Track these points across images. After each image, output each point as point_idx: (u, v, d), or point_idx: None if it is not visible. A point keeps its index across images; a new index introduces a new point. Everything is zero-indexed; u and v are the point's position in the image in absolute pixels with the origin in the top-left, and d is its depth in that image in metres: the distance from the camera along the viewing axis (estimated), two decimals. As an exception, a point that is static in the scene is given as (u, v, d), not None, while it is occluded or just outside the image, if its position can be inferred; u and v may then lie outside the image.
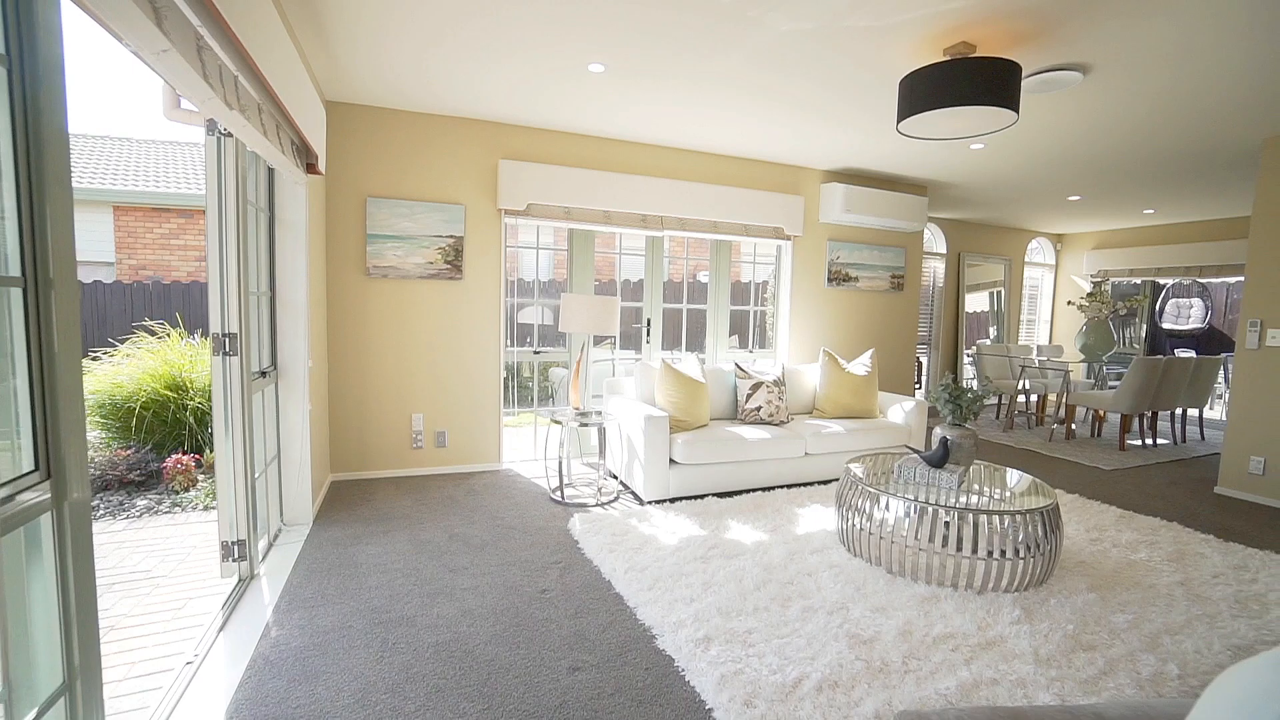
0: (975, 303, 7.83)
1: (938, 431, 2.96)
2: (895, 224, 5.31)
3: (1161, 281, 7.88)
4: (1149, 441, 5.65)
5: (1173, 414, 5.74)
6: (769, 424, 4.10)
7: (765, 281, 5.66)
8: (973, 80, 2.56)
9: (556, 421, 3.70)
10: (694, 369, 4.01)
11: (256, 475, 2.58)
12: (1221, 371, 6.74)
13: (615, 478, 4.14)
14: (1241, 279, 7.09)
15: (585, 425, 3.68)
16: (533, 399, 4.90)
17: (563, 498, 3.68)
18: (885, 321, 5.68)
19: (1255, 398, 4.06)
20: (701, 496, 3.73)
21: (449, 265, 4.05)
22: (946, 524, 2.50)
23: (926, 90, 2.67)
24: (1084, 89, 3.19)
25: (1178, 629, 2.28)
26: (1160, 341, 8.71)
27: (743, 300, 5.59)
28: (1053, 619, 2.30)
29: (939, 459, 2.82)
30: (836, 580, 2.57)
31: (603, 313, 3.67)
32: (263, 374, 2.76)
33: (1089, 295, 6.45)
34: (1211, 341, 10.65)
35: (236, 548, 2.41)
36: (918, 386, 7.36)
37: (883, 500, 2.69)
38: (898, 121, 2.87)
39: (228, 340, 2.31)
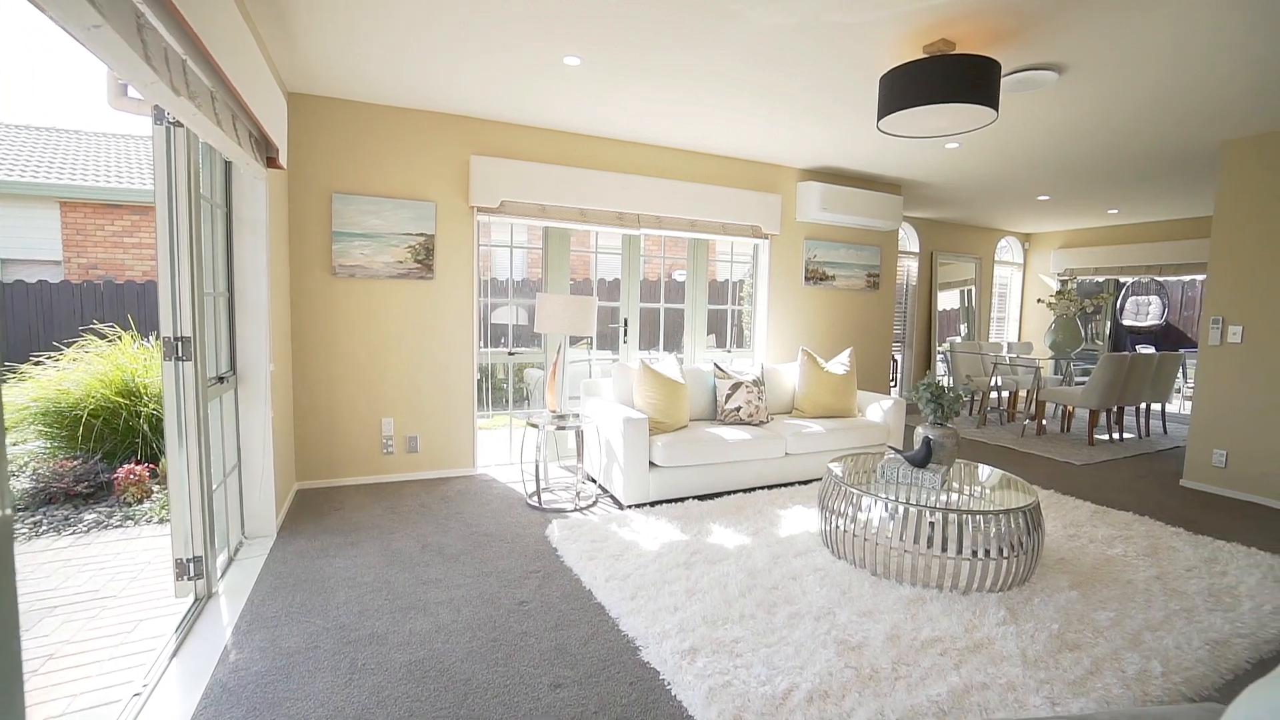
0: (946, 301, 7.94)
1: (920, 431, 2.95)
2: (871, 223, 5.33)
3: (1123, 280, 8.10)
4: (1115, 436, 5.78)
5: (1137, 409, 5.89)
6: (749, 424, 4.06)
7: (741, 280, 5.64)
8: (953, 77, 2.54)
9: (533, 425, 3.60)
10: (673, 370, 3.94)
11: (214, 487, 2.43)
12: (1181, 367, 6.94)
13: (594, 481, 4.05)
14: (1198, 277, 7.34)
15: (563, 428, 3.58)
16: (508, 401, 4.79)
17: (540, 503, 3.59)
18: (862, 320, 5.70)
19: (1217, 393, 4.16)
20: (682, 499, 3.67)
21: (419, 264, 3.91)
22: (931, 524, 2.48)
23: (907, 87, 2.65)
24: (1058, 90, 3.21)
25: (1158, 625, 2.30)
26: (1121, 338, 8.96)
27: (719, 299, 5.55)
28: (1038, 619, 2.29)
29: (922, 459, 2.81)
30: (822, 584, 2.54)
31: (579, 313, 3.58)
32: (220, 379, 2.61)
33: (1058, 293, 6.58)
34: (1169, 337, 11.02)
35: (192, 565, 2.26)
36: (893, 385, 7.43)
37: (866, 502, 2.66)
38: (878, 119, 2.84)
39: (180, 344, 2.16)
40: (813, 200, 5.05)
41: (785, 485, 4.02)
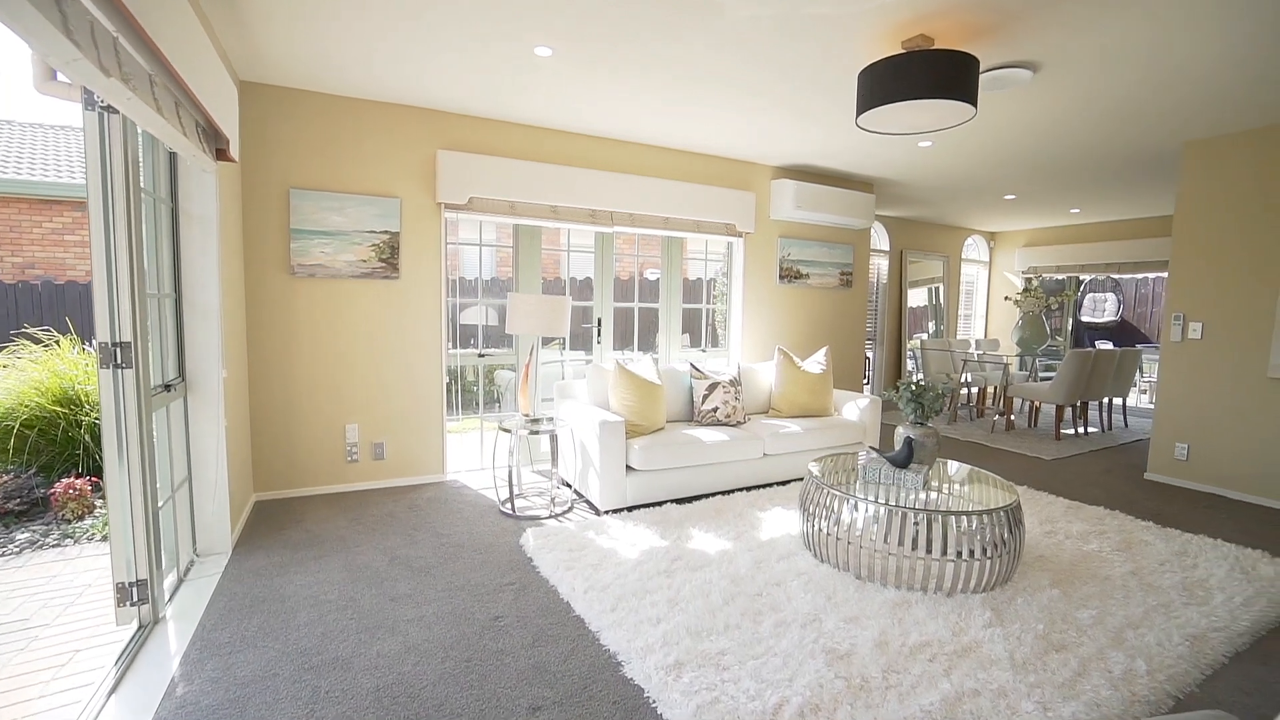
0: (914, 298, 8.05)
1: (900, 431, 2.92)
2: (844, 221, 5.33)
3: (1084, 277, 8.31)
4: (1081, 430, 5.92)
5: (1100, 403, 6.04)
6: (726, 425, 4.00)
7: (714, 279, 5.58)
8: (932, 73, 2.51)
9: (505, 429, 3.48)
10: (649, 370, 3.86)
11: (160, 503, 2.25)
12: (1139, 362, 7.14)
13: (569, 486, 3.94)
14: (1150, 275, 7.58)
15: (536, 433, 3.47)
16: (478, 404, 4.64)
17: (513, 510, 3.46)
18: (835, 318, 5.71)
19: (1179, 388, 4.27)
20: (660, 503, 3.58)
21: (384, 263, 3.74)
22: (916, 526, 2.45)
23: (887, 82, 2.61)
24: (1031, 88, 3.23)
25: (1138, 622, 2.31)
26: (1080, 334, 9.22)
27: (693, 298, 5.49)
28: (1022, 620, 2.28)
29: (904, 459, 2.78)
30: (806, 589, 2.48)
31: (552, 313, 3.47)
32: (167, 387, 2.42)
33: (1024, 291, 6.71)
34: (1124, 332, 11.41)
35: (135, 589, 2.08)
36: (865, 383, 7.48)
37: (849, 504, 2.62)
38: (857, 114, 2.80)
39: (119, 350, 1.99)
40: (787, 198, 5.02)
41: (764, 486, 3.98)
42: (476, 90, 3.45)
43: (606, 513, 3.45)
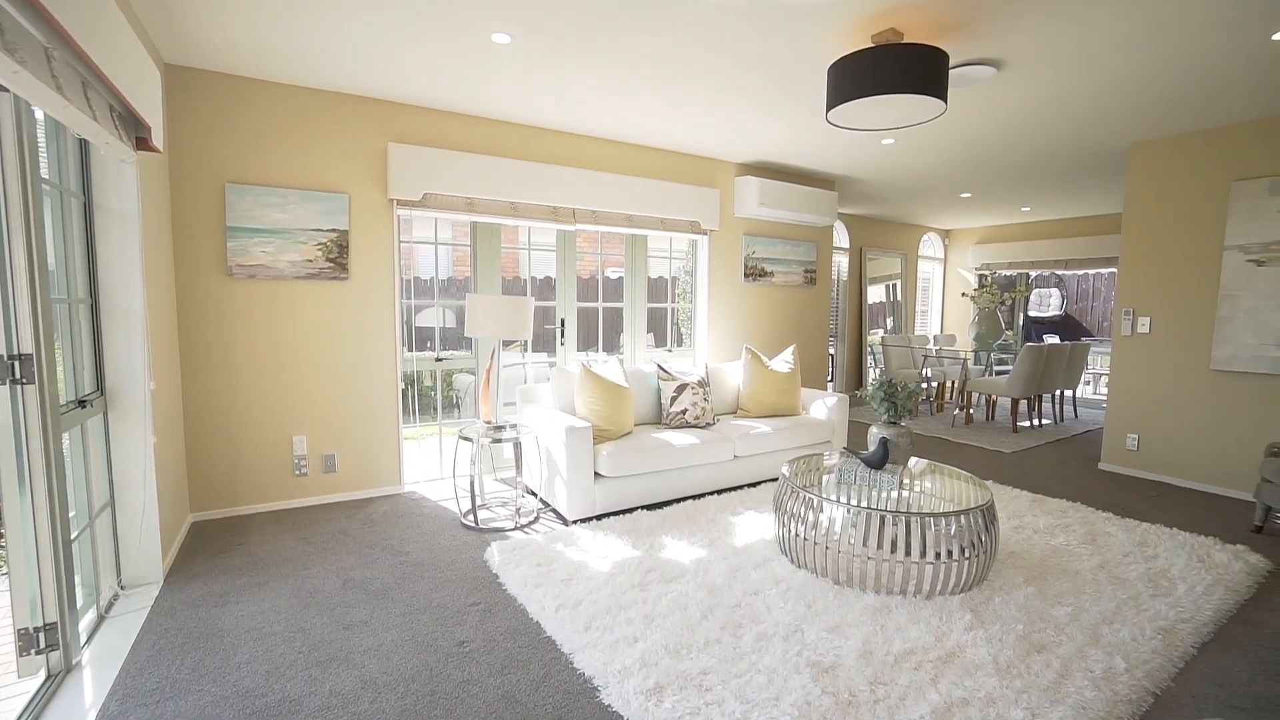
0: (872, 295, 8.16)
1: (874, 431, 2.89)
2: (808, 219, 5.32)
3: (1033, 273, 8.59)
4: (1036, 422, 6.08)
5: (1053, 396, 6.22)
6: (695, 427, 3.91)
7: (676, 278, 5.50)
8: (903, 67, 2.47)
9: (466, 438, 3.30)
10: (616, 373, 3.73)
11: (75, 533, 2.01)
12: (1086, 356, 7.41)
13: (534, 495, 3.79)
14: (1092, 271, 7.88)
15: (499, 441, 3.30)
16: (436, 409, 4.42)
17: (476, 522, 3.29)
18: (800, 316, 5.70)
19: (1130, 381, 4.40)
20: (630, 510, 3.47)
21: (332, 263, 3.50)
22: (895, 528, 2.40)
23: (858, 77, 2.56)
24: (992, 86, 3.24)
25: (1111, 617, 2.32)
26: (1029, 329, 9.55)
27: (657, 297, 5.39)
28: (1002, 620, 2.26)
29: (879, 460, 2.74)
30: (785, 598, 2.41)
31: (514, 315, 3.31)
32: (81, 403, 2.17)
33: (980, 288, 6.86)
34: (1068, 326, 11.90)
35: (42, 634, 1.84)
36: (829, 380, 7.54)
37: (827, 508, 2.56)
38: (828, 109, 2.74)
39: (18, 363, 1.75)
40: (751, 195, 4.97)
41: (734, 489, 3.91)
42: (430, 80, 3.26)
43: (575, 522, 3.31)
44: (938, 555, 2.40)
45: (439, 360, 4.22)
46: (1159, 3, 2.37)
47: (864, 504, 2.52)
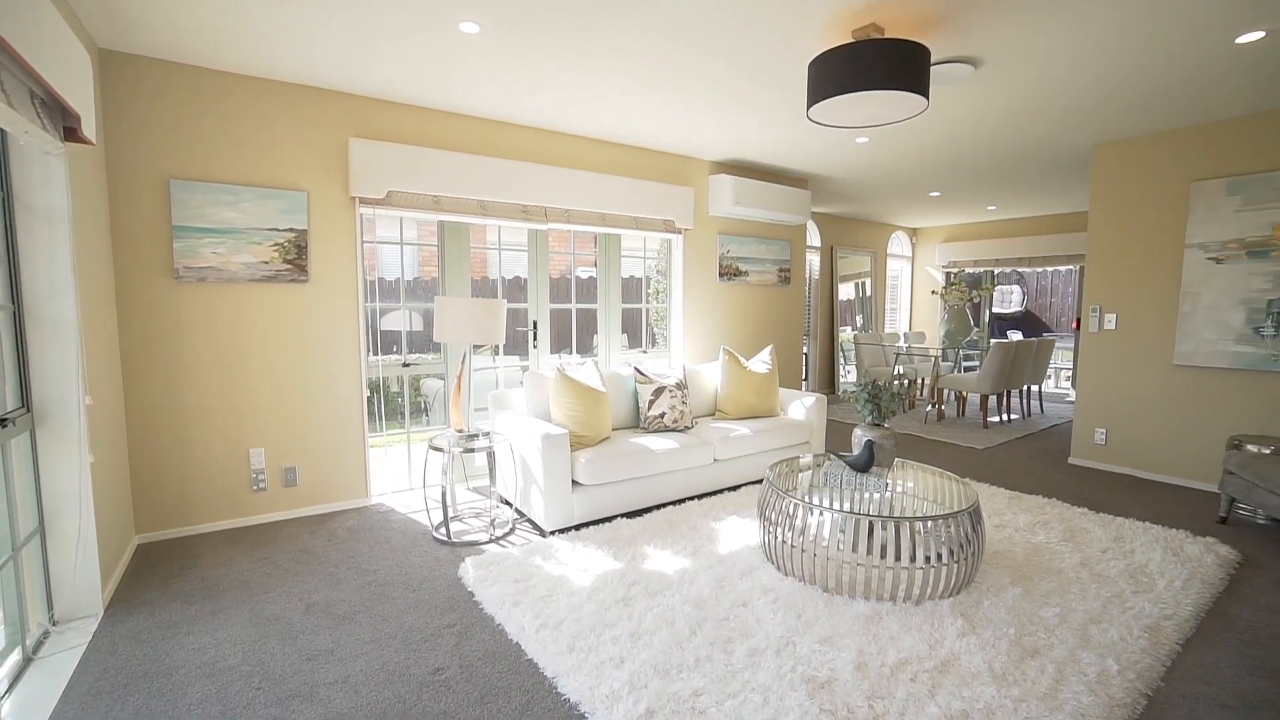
0: (842, 293, 8.22)
1: (858, 433, 2.84)
2: (782, 217, 5.29)
3: (997, 271, 8.77)
4: (1005, 418, 6.19)
5: (1021, 391, 6.34)
6: (674, 431, 3.83)
7: (647, 277, 5.40)
8: (886, 63, 2.42)
9: (436, 448, 3.14)
10: (592, 377, 3.62)
11: (-1, 568, 1.80)
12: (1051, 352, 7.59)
13: (509, 505, 3.65)
14: (1054, 268, 8.07)
15: (471, 450, 3.15)
16: (404, 415, 4.24)
17: (449, 536, 3.14)
18: (775, 316, 5.67)
19: (1097, 376, 4.49)
20: (610, 519, 3.36)
21: (291, 265, 3.30)
22: (884, 532, 2.35)
23: (839, 73, 2.50)
24: (967, 85, 3.23)
25: (1098, 616, 2.31)
26: (992, 325, 9.77)
27: (631, 298, 5.29)
28: (994, 625, 2.23)
29: (864, 463, 2.70)
30: (775, 609, 2.34)
31: (486, 318, 3.17)
32: (1, 422, 1.95)
33: (950, 285, 6.95)
34: (1028, 322, 12.23)
35: (-38, 685, 1.64)
36: (804, 379, 7.55)
37: (814, 514, 2.50)
38: (808, 106, 2.68)
39: (-75, 382, 1.54)
40: (725, 194, 4.91)
41: (715, 493, 3.84)
42: (394, 71, 3.09)
43: (553, 533, 3.19)
44: (927, 559, 2.36)
45: (406, 366, 4.04)
46: (1134, 6, 2.37)
47: (851, 509, 2.47)
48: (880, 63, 2.42)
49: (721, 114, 3.78)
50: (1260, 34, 2.68)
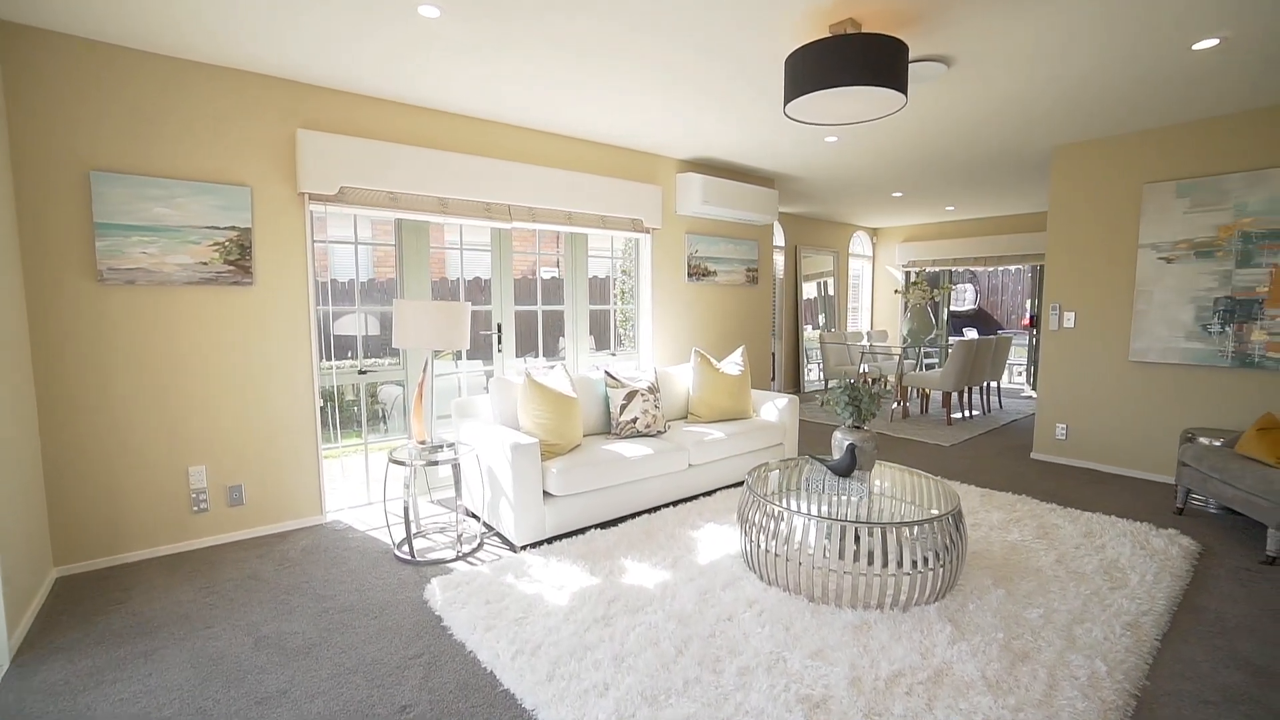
0: (805, 292, 8.28)
1: (838, 436, 2.79)
2: (750, 217, 5.25)
3: (955, 270, 8.98)
4: (967, 414, 6.31)
5: (981, 387, 6.48)
6: (647, 436, 3.72)
7: (610, 277, 5.28)
8: (866, 59, 2.36)
9: (398, 461, 2.95)
10: (562, 382, 3.48)
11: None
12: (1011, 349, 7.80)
13: (476, 518, 3.47)
14: (1010, 268, 8.32)
15: (435, 463, 2.97)
16: (361, 423, 4.00)
17: (412, 554, 2.95)
18: (744, 316, 5.63)
19: (1058, 372, 4.59)
20: (583, 530, 3.23)
21: (233, 266, 3.05)
22: (870, 539, 2.30)
23: (818, 68, 2.43)
24: (939, 85, 3.23)
25: (1080, 615, 2.31)
26: (949, 323, 10.02)
27: (599, 299, 5.16)
28: (982, 630, 2.19)
29: (847, 467, 2.64)
30: (761, 622, 2.25)
31: (449, 322, 2.99)
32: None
33: (912, 284, 7.06)
34: (981, 319, 12.62)
35: None
36: (772, 380, 7.55)
37: (798, 522, 2.43)
38: (785, 102, 2.61)
39: None
40: (694, 192, 4.83)
41: (690, 499, 3.75)
42: (346, 57, 2.88)
43: (524, 548, 3.03)
44: (914, 564, 2.31)
45: (363, 373, 3.80)
46: (1102, 8, 2.38)
47: (835, 515, 2.41)
48: (861, 58, 2.36)
49: (692, 110, 3.69)
50: (1215, 41, 2.74)
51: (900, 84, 2.43)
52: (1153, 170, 4.10)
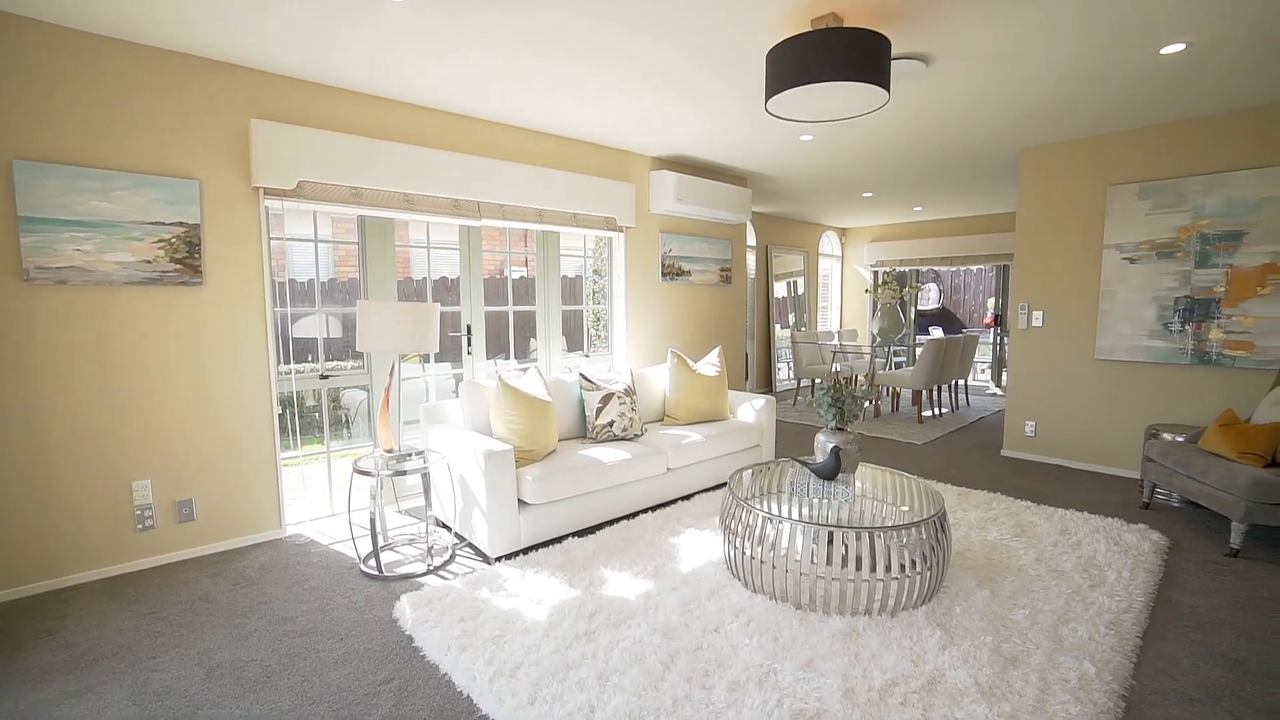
0: (776, 291, 8.30)
1: (821, 438, 2.74)
2: (724, 215, 5.20)
3: (922, 270, 9.13)
4: (936, 412, 6.40)
5: (950, 385, 6.58)
6: (624, 440, 3.62)
7: (580, 276, 5.18)
8: (850, 54, 2.32)
9: (363, 472, 2.79)
10: (536, 385, 3.35)
11: None
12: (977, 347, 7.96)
13: (447, 529, 3.32)
14: (972, 267, 8.49)
15: (403, 473, 2.82)
16: (323, 432, 3.80)
17: (380, 569, 2.79)
18: (718, 316, 5.59)
19: (1027, 370, 4.67)
20: (560, 539, 3.12)
21: (180, 265, 2.83)
22: (859, 543, 2.25)
23: (801, 63, 2.38)
24: (916, 83, 3.22)
25: (1064, 615, 2.31)
26: (915, 322, 10.19)
27: (571, 299, 5.04)
28: (971, 634, 2.17)
29: (831, 470, 2.59)
30: (749, 633, 2.18)
31: (417, 324, 2.84)
32: None
33: (883, 284, 7.13)
34: (945, 318, 12.90)
35: None
36: (746, 380, 7.54)
37: (785, 528, 2.37)
38: (767, 98, 2.55)
39: None
40: (668, 190, 4.75)
41: (669, 504, 3.67)
42: (305, 43, 2.70)
43: (499, 559, 2.90)
44: (902, 568, 2.27)
45: (324, 377, 3.61)
46: (1083, 6, 2.38)
47: (823, 520, 2.36)
48: (845, 53, 2.31)
49: (669, 106, 3.61)
50: (1182, 46, 2.79)
51: (884, 80, 2.39)
52: (1117, 173, 4.20)
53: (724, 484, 4.03)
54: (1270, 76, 3.16)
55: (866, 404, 6.45)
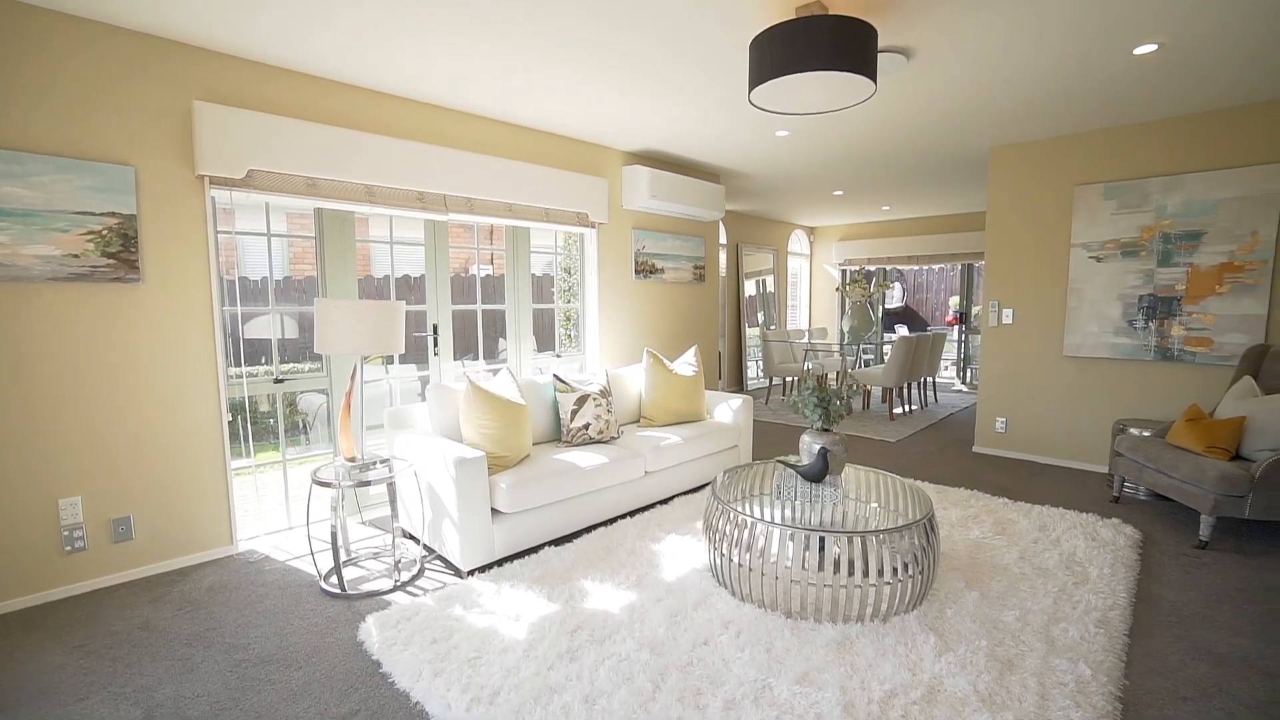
0: (747, 289, 8.28)
1: (806, 440, 2.67)
2: (697, 212, 5.12)
3: (889, 268, 9.24)
4: (906, 409, 6.46)
5: (919, 382, 6.66)
6: (600, 443, 3.50)
7: (551, 274, 5.04)
8: (838, 42, 2.24)
9: (323, 483, 2.59)
10: (508, 388, 3.20)
11: None
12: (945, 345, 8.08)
13: (415, 540, 3.14)
14: (933, 266, 8.64)
15: (367, 484, 2.63)
16: (279, 439, 3.55)
17: (342, 587, 2.60)
18: (692, 314, 5.50)
19: (997, 367, 4.72)
20: (536, 549, 2.97)
21: (113, 260, 2.58)
22: (850, 548, 2.18)
23: (787, 51, 2.29)
24: (896, 79, 3.18)
25: (1054, 615, 2.29)
26: (882, 320, 10.34)
27: (542, 297, 4.88)
28: (965, 638, 2.12)
29: (819, 472, 2.52)
30: (740, 645, 2.08)
31: (381, 324, 2.65)
32: None
33: (853, 282, 7.16)
34: (909, 316, 13.15)
35: None
36: (720, 379, 7.48)
37: (775, 534, 2.28)
38: (750, 89, 2.45)
39: None
40: (641, 186, 4.64)
41: (648, 508, 3.56)
42: (253, 17, 2.49)
43: (472, 573, 2.74)
44: (895, 572, 2.21)
45: (279, 381, 3.37)
46: (1069, 5, 2.37)
47: (809, 523, 2.29)
48: (832, 42, 2.23)
49: (643, 98, 3.49)
50: (1153, 46, 2.81)
51: (871, 71, 2.33)
52: (1083, 173, 4.27)
53: (703, 486, 3.94)
54: (1233, 78, 3.23)
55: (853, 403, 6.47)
